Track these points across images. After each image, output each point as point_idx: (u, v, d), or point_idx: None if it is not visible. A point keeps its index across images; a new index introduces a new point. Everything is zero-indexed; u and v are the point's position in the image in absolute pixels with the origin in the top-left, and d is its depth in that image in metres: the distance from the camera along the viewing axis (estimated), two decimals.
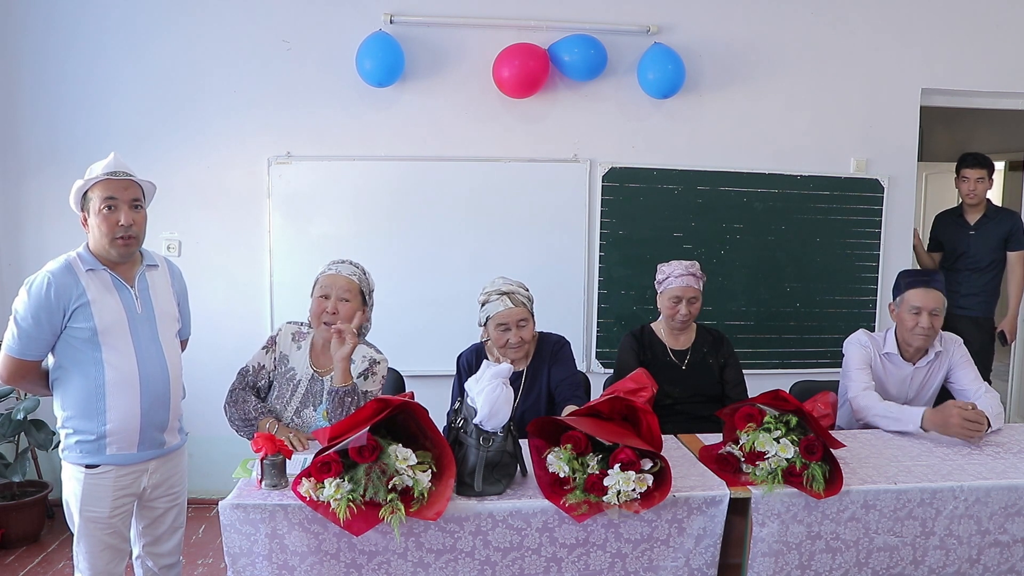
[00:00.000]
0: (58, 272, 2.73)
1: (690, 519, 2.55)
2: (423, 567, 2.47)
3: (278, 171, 4.82)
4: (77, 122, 4.73)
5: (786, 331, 5.23)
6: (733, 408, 2.77)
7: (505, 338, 3.42)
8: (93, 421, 2.77)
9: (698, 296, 3.74)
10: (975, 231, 5.27)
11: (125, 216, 2.76)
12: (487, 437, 2.49)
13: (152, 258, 2.97)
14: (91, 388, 2.76)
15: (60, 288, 2.70)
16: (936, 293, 3.49)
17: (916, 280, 3.57)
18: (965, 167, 5.25)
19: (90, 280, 2.76)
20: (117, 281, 2.82)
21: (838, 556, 2.65)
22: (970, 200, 5.27)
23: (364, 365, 3.18)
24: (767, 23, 5.05)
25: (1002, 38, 5.19)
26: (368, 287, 3.26)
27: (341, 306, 3.12)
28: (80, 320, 2.72)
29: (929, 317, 3.46)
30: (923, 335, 3.49)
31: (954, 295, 5.25)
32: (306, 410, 3.16)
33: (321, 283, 3.19)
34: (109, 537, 2.84)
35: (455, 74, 4.89)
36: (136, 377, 2.81)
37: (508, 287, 3.46)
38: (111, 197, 2.75)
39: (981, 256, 5.25)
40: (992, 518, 2.71)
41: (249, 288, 4.89)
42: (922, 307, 3.47)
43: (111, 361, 2.76)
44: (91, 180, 2.77)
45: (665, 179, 5.03)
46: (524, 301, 3.45)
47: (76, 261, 2.78)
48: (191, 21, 4.74)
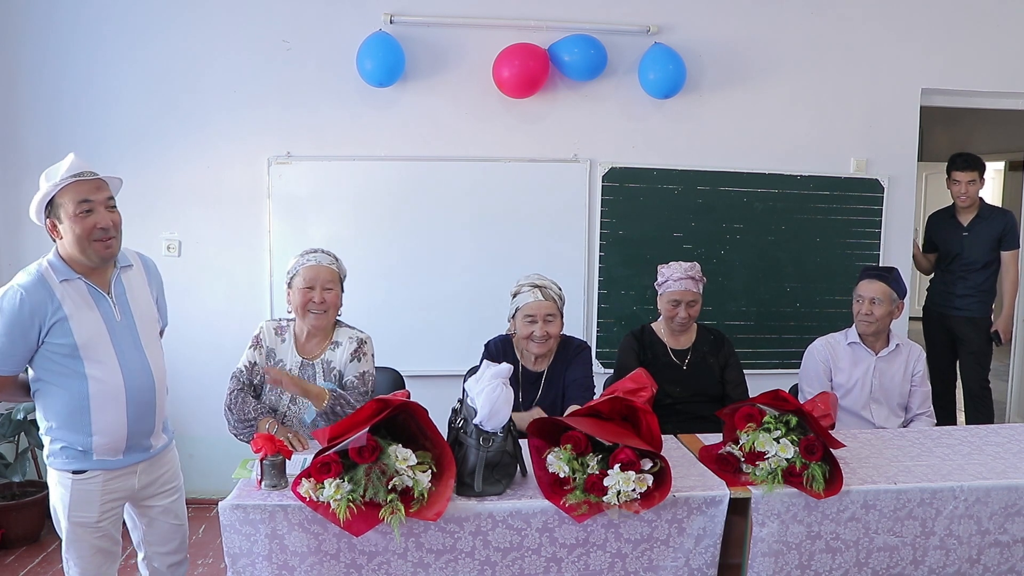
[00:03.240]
0: (30, 287, 2.60)
1: (690, 519, 2.55)
2: (423, 567, 2.47)
3: (278, 171, 4.82)
4: (77, 122, 4.72)
5: (786, 331, 5.22)
6: (733, 408, 2.77)
7: (531, 330, 3.42)
8: (79, 434, 2.69)
9: (697, 299, 3.74)
10: (968, 232, 5.22)
11: (103, 218, 2.64)
12: (487, 437, 2.49)
13: (125, 258, 2.85)
14: (74, 402, 2.67)
15: (35, 305, 2.59)
16: (879, 284, 3.82)
17: (865, 273, 3.94)
18: (955, 169, 5.21)
19: (65, 292, 2.64)
20: (94, 291, 2.70)
21: (838, 556, 2.65)
22: (962, 203, 5.22)
23: (352, 345, 3.30)
24: (767, 23, 5.05)
25: (1002, 38, 5.19)
26: (343, 274, 3.38)
27: (327, 295, 3.24)
28: (58, 336, 2.62)
29: (868, 304, 3.80)
30: (864, 321, 3.83)
31: (950, 296, 5.27)
32: (301, 397, 3.22)
33: (303, 275, 3.25)
34: (99, 540, 2.79)
35: (455, 74, 4.89)
36: (121, 389, 2.72)
37: (541, 281, 3.50)
38: (86, 200, 2.61)
39: (975, 257, 5.20)
40: (992, 518, 2.71)
41: (249, 288, 4.88)
42: (863, 295, 3.83)
43: (94, 375, 2.67)
44: (58, 185, 2.60)
45: (665, 179, 5.03)
46: (555, 297, 3.48)
47: (48, 272, 2.65)
48: (191, 21, 4.73)
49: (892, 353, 3.87)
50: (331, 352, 3.30)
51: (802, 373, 4.00)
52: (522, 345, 3.51)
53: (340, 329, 3.36)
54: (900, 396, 3.86)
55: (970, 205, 5.22)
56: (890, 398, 3.84)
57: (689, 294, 3.72)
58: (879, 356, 3.85)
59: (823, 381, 3.86)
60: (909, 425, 3.82)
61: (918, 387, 3.87)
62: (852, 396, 3.82)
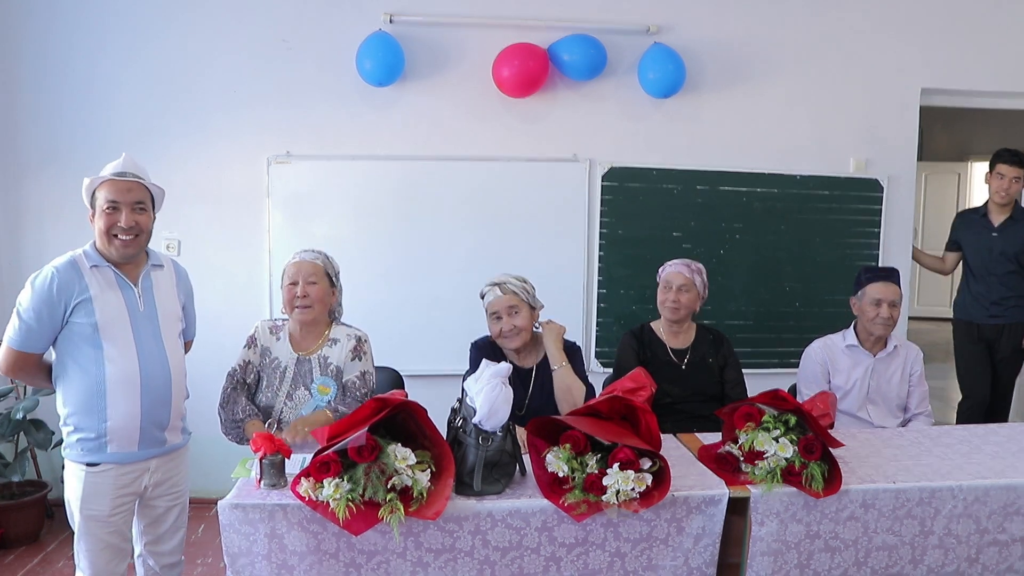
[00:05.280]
0: (62, 268, 2.77)
1: (689, 518, 2.55)
2: (422, 567, 2.47)
3: (278, 171, 4.82)
4: (77, 122, 4.73)
5: (786, 331, 5.22)
6: (732, 407, 2.77)
7: (498, 327, 3.43)
8: (94, 418, 2.79)
9: (690, 286, 3.73)
10: (998, 233, 4.95)
11: (125, 218, 2.78)
12: (486, 436, 2.50)
13: (158, 259, 3.00)
14: (92, 385, 2.78)
15: (63, 283, 2.74)
16: (894, 287, 3.81)
17: (875, 275, 3.87)
18: (1001, 163, 4.90)
19: (93, 277, 2.80)
20: (120, 279, 2.85)
21: (837, 555, 2.65)
22: (999, 199, 4.92)
23: (351, 343, 3.34)
24: (767, 23, 5.05)
25: (1002, 38, 5.19)
26: (333, 270, 3.40)
27: (310, 288, 3.27)
28: (81, 315, 2.75)
29: (888, 308, 3.76)
30: (883, 324, 3.78)
31: (981, 302, 5.00)
32: (297, 391, 3.29)
33: (288, 272, 3.32)
34: (110, 536, 2.85)
35: (455, 74, 4.89)
36: (137, 375, 2.82)
37: (501, 278, 3.49)
38: (114, 200, 2.78)
39: (1001, 261, 4.92)
40: (991, 517, 2.71)
41: (249, 288, 4.89)
42: (882, 299, 3.77)
43: (112, 358, 2.78)
44: (97, 179, 2.81)
45: (665, 179, 5.03)
46: (514, 290, 3.45)
47: (81, 258, 2.81)
48: (190, 20, 4.74)
49: (890, 355, 3.86)
50: (328, 348, 3.33)
51: (800, 375, 4.00)
52: (499, 344, 3.52)
53: (337, 327, 3.40)
54: (898, 397, 3.86)
55: (1006, 204, 4.95)
56: (887, 399, 3.85)
57: (679, 277, 3.73)
58: (877, 358, 3.85)
59: (821, 384, 3.86)
60: (908, 425, 3.82)
61: (916, 387, 3.87)
62: (850, 398, 3.82)
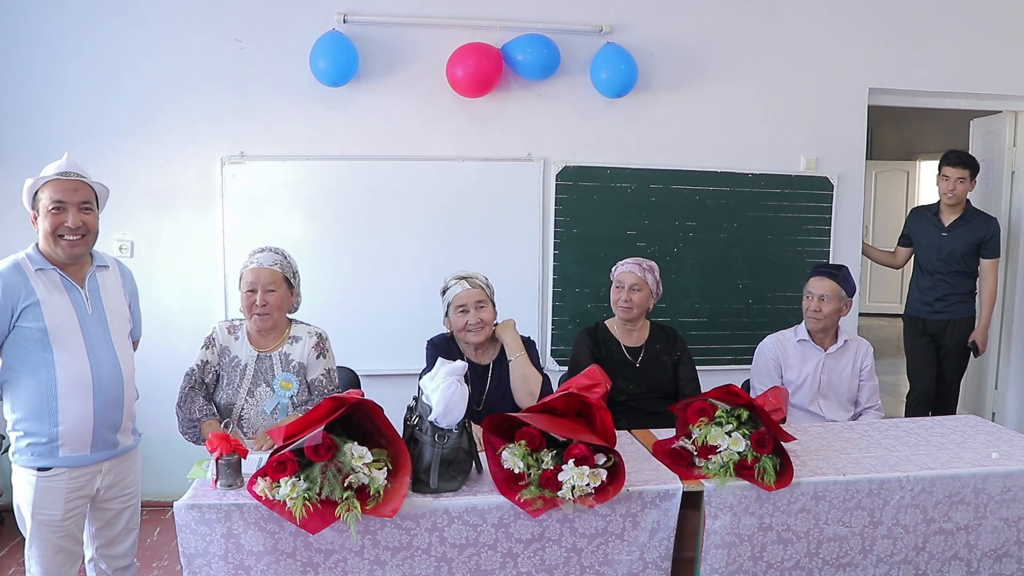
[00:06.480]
0: (7, 272, 2.71)
1: (644, 513, 2.58)
2: (380, 565, 2.48)
3: (231, 171, 4.78)
4: (24, 121, 4.64)
5: (739, 327, 5.28)
6: (686, 403, 2.81)
7: (464, 320, 3.43)
8: (45, 423, 2.74)
9: (642, 285, 3.76)
10: (947, 233, 5.03)
11: (72, 218, 2.74)
12: (442, 434, 2.51)
13: (103, 259, 2.96)
14: (43, 390, 2.74)
15: (8, 288, 2.69)
16: (828, 281, 3.87)
17: (815, 270, 3.99)
18: (947, 165, 5.00)
19: (39, 280, 2.75)
20: (67, 281, 2.80)
21: (789, 547, 2.70)
22: (947, 200, 5.03)
23: (313, 340, 3.37)
24: (718, 23, 5.10)
25: (947, 39, 5.28)
26: (291, 271, 3.37)
27: (269, 296, 3.25)
28: (29, 320, 2.71)
29: (818, 300, 3.85)
30: (813, 317, 3.87)
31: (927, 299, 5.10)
32: (259, 388, 3.28)
33: (246, 279, 3.29)
34: (62, 540, 2.81)
35: (409, 73, 4.88)
36: (89, 378, 2.78)
37: (466, 273, 3.52)
38: (60, 200, 2.73)
39: (949, 260, 5.02)
40: (937, 507, 2.78)
41: (203, 289, 4.84)
42: (813, 292, 3.88)
43: (62, 362, 2.74)
44: (41, 180, 2.75)
45: (618, 178, 5.06)
46: (482, 285, 3.49)
47: (25, 261, 2.76)
48: (139, 19, 4.67)
49: (840, 349, 3.92)
50: (290, 346, 3.34)
51: (753, 370, 4.06)
52: (460, 338, 3.52)
53: (296, 325, 3.41)
54: (849, 391, 3.92)
55: (955, 204, 5.04)
56: (839, 393, 3.91)
57: (630, 276, 3.76)
58: (828, 352, 3.91)
59: (774, 378, 3.91)
60: (858, 418, 3.88)
61: (866, 381, 3.93)
62: (802, 392, 3.88)
